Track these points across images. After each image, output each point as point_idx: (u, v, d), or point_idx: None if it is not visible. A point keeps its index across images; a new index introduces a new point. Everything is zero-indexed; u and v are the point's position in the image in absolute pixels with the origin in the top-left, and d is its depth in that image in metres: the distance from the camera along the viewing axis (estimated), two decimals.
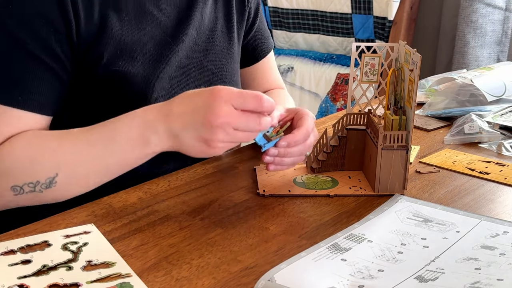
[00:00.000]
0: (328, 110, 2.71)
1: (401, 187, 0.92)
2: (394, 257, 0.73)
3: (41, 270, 0.70)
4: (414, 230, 0.81)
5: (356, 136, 0.99)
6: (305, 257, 0.73)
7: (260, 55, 1.24)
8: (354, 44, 0.96)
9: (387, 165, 0.91)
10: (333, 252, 0.74)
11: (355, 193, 0.93)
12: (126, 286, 0.68)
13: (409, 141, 0.90)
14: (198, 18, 1.04)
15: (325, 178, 0.98)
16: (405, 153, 0.90)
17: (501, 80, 1.35)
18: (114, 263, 0.72)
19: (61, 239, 0.77)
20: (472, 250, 0.75)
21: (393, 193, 0.92)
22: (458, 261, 0.72)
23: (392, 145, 0.90)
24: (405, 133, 0.90)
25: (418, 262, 0.72)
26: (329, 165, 1.00)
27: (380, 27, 2.66)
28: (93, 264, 0.72)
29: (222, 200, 0.90)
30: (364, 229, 0.80)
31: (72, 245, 0.75)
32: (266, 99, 0.81)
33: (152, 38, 0.98)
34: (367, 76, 0.97)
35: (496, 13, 2.45)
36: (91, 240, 0.77)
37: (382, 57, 0.96)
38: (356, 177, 0.98)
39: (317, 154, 1.00)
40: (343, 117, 0.99)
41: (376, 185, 0.92)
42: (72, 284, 0.68)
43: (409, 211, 0.86)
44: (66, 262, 0.71)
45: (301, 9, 2.82)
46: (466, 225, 0.82)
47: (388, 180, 0.92)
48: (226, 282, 0.69)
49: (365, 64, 0.96)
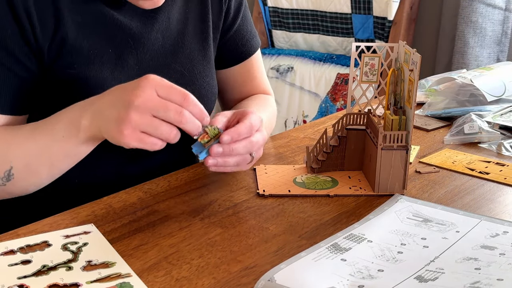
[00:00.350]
0: (328, 110, 2.71)
1: (401, 187, 0.92)
2: (394, 257, 0.73)
3: (41, 270, 0.70)
4: (414, 230, 0.81)
5: (356, 136, 0.99)
6: (305, 257, 0.73)
7: (241, 56, 1.17)
8: (354, 44, 0.96)
9: (387, 165, 0.91)
10: (333, 252, 0.74)
11: (355, 193, 0.93)
12: (126, 286, 0.68)
13: (409, 141, 0.90)
14: (164, 21, 1.01)
15: (325, 178, 0.98)
16: (405, 153, 0.90)
17: (501, 80, 1.35)
18: (114, 263, 0.72)
19: (61, 239, 0.77)
20: (472, 250, 0.75)
21: (393, 193, 0.92)
22: (458, 261, 0.72)
23: (392, 145, 0.90)
24: (405, 133, 0.90)
25: (418, 262, 0.72)
26: (329, 165, 1.00)
27: (380, 27, 2.66)
28: (93, 264, 0.72)
29: (222, 200, 0.90)
30: (364, 229, 0.80)
31: (72, 245, 0.75)
32: (193, 101, 0.79)
33: (110, 41, 0.95)
34: (367, 76, 0.97)
35: (496, 13, 2.45)
36: (91, 240, 0.77)
37: (382, 57, 0.96)
38: (356, 177, 0.98)
39: (317, 154, 1.00)
40: (343, 117, 0.99)
41: (376, 185, 0.92)
42: (72, 284, 0.68)
43: (409, 211, 0.86)
44: (66, 262, 0.72)
45: (301, 9, 2.82)
46: (466, 225, 0.82)
47: (388, 180, 0.92)
48: (226, 282, 0.69)
49: (365, 64, 0.96)
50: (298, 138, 1.18)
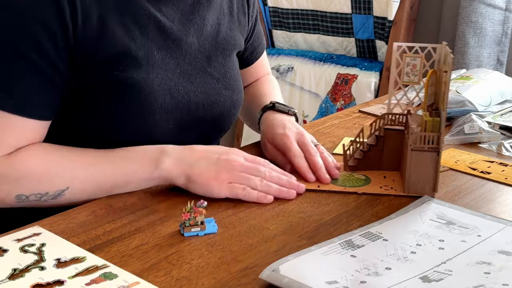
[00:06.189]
0: (328, 110, 2.71)
1: (431, 189, 0.91)
2: (406, 256, 0.73)
3: (14, 274, 0.69)
4: (434, 231, 0.79)
5: (395, 136, 0.98)
6: (314, 250, 0.73)
7: (256, 56, 1.24)
8: (395, 44, 0.96)
9: (417, 167, 0.90)
10: (344, 248, 0.74)
11: (384, 193, 0.92)
12: (111, 275, 0.68)
13: (440, 144, 0.89)
14: (200, 25, 1.02)
15: (359, 176, 0.98)
16: (436, 155, 0.89)
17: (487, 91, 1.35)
18: (84, 257, 0.72)
19: (14, 243, 0.76)
20: (487, 255, 0.73)
21: (423, 195, 0.91)
22: (469, 264, 0.71)
23: (423, 146, 0.89)
24: (436, 135, 0.89)
25: (428, 263, 0.71)
26: (365, 164, 1.00)
27: (380, 27, 2.66)
28: (63, 261, 0.71)
29: (222, 200, 0.90)
30: (382, 228, 0.80)
31: (30, 247, 0.75)
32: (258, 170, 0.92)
33: (155, 43, 0.95)
34: (408, 77, 0.96)
35: (496, 13, 2.45)
36: (47, 240, 0.76)
37: (424, 58, 0.95)
38: (391, 177, 0.98)
39: (353, 152, 1.00)
40: (381, 117, 0.98)
41: (406, 186, 0.92)
42: (55, 281, 0.67)
43: (434, 213, 0.85)
44: (35, 263, 0.71)
45: (301, 9, 2.81)
46: (490, 229, 0.80)
47: (418, 182, 0.91)
48: (226, 282, 0.69)
49: (406, 64, 0.95)
50: None
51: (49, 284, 0.67)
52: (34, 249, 0.74)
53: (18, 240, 0.76)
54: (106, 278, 0.68)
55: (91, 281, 0.67)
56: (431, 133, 0.89)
